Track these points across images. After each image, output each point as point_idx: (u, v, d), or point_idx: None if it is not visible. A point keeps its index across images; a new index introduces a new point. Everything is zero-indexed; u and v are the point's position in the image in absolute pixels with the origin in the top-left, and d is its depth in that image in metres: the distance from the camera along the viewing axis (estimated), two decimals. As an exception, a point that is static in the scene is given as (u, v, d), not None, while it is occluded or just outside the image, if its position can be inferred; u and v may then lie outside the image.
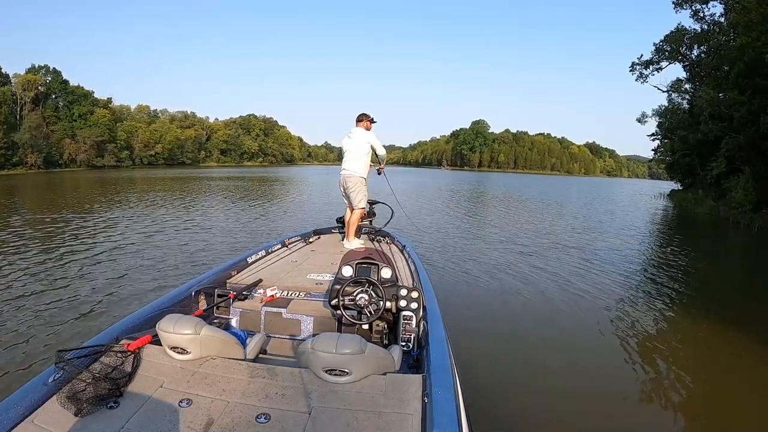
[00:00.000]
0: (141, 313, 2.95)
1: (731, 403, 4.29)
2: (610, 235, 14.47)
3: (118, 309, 5.90)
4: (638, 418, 3.95)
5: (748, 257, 13.33)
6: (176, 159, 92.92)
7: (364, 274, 3.41)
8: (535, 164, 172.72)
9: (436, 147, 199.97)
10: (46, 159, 63.59)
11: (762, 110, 18.35)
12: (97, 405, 1.97)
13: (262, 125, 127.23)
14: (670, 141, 36.18)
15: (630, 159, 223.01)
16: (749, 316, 6.83)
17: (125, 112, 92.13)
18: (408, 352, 3.06)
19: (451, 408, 1.89)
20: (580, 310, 6.70)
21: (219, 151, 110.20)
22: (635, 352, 5.27)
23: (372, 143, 5.92)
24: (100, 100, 79.34)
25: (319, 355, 2.15)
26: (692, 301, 7.48)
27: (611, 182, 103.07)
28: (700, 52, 29.99)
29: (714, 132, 23.24)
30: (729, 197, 21.82)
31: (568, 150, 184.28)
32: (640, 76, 33.18)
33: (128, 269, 8.00)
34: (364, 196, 5.94)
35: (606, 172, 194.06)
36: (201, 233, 12.09)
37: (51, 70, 71.59)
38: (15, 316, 5.58)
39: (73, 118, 71.93)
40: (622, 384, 4.49)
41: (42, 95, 69.38)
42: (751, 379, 4.76)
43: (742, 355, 5.35)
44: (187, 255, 9.24)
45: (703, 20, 28.63)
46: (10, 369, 4.23)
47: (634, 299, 7.34)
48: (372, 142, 5.92)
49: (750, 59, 19.08)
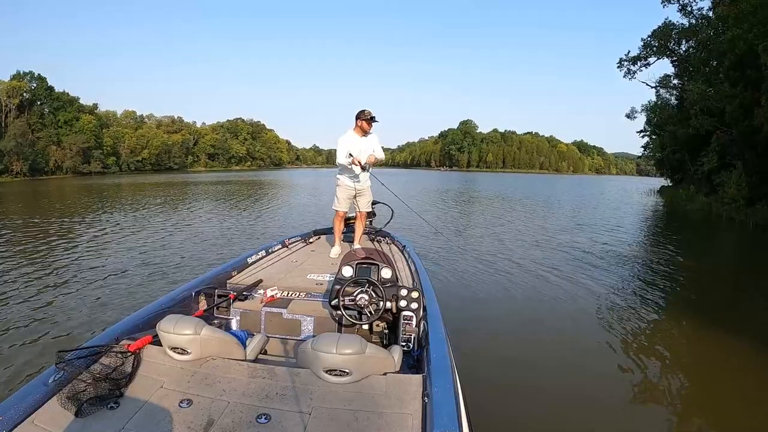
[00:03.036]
0: (141, 313, 2.94)
1: (729, 404, 4.29)
2: (606, 235, 14.25)
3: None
4: (638, 418, 3.98)
5: (747, 257, 13.14)
6: (163, 164, 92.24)
7: (364, 274, 3.42)
8: (524, 163, 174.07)
9: (425, 148, 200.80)
10: (31, 166, 62.44)
11: (755, 103, 18.27)
12: (97, 405, 1.96)
13: (250, 129, 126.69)
14: (659, 137, 36.36)
15: (618, 156, 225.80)
16: (750, 318, 6.71)
17: (111, 118, 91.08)
18: (408, 352, 3.06)
19: (451, 408, 1.88)
20: (581, 311, 6.74)
21: (206, 155, 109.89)
22: (635, 353, 5.29)
23: (377, 148, 5.56)
24: (85, 106, 78.29)
25: (319, 355, 2.15)
26: (698, 304, 7.46)
27: (600, 180, 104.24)
28: (688, 46, 30.03)
29: (705, 126, 23.25)
30: (721, 193, 21.69)
31: (556, 149, 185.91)
32: (628, 72, 33.03)
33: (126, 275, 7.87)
34: (371, 198, 5.86)
35: (594, 170, 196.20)
36: (194, 240, 11.95)
37: (36, 76, 70.39)
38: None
39: (58, 124, 70.75)
40: (621, 384, 4.53)
41: (27, 102, 68.06)
42: (746, 380, 4.75)
43: (741, 359, 5.27)
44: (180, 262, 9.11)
45: (691, 14, 28.59)
46: (10, 369, 4.29)
47: (634, 301, 7.34)
48: (377, 148, 5.58)
49: (742, 51, 19.03)
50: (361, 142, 5.41)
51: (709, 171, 24.17)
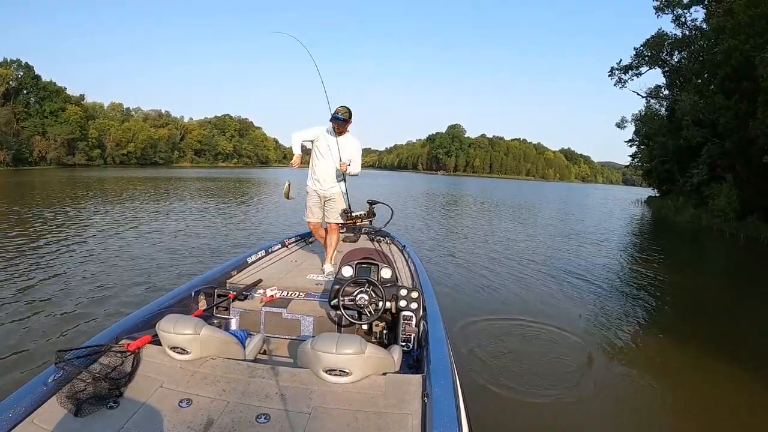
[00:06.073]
0: (141, 313, 2.91)
1: (721, 416, 4.30)
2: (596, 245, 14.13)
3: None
4: (638, 418, 4.06)
5: (741, 270, 13.21)
6: (149, 159, 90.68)
7: (364, 274, 3.44)
8: (511, 169, 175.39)
9: (412, 151, 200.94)
10: (15, 156, 61.43)
11: (750, 115, 18.33)
12: (96, 405, 1.97)
13: (238, 126, 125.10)
14: (648, 147, 36.59)
15: (604, 165, 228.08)
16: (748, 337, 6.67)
17: (98, 110, 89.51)
18: (408, 352, 3.09)
19: (451, 408, 1.89)
20: (581, 311, 6.95)
21: (193, 151, 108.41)
22: (635, 353, 5.52)
23: (354, 158, 4.78)
24: (72, 97, 76.74)
25: (319, 355, 2.16)
26: (697, 319, 7.52)
27: (586, 188, 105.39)
28: (680, 57, 30.25)
29: (697, 138, 23.38)
30: (711, 205, 21.69)
31: (543, 156, 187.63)
32: (619, 81, 33.40)
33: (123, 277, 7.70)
34: (342, 207, 4.95)
35: (581, 178, 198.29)
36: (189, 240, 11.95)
37: (23, 64, 69.09)
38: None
39: (44, 114, 69.33)
40: (620, 384, 4.66)
41: (13, 90, 66.78)
42: (737, 391, 4.77)
43: (738, 382, 5.13)
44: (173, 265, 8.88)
45: (685, 26, 28.91)
46: (9, 370, 4.23)
47: (634, 302, 7.59)
48: (355, 158, 4.78)
49: (737, 63, 19.14)
50: (336, 143, 4.64)
51: (698, 183, 24.20)
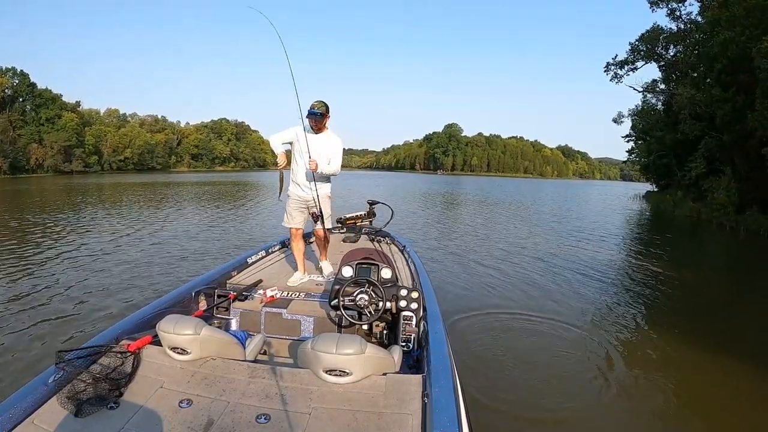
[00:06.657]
0: (141, 313, 2.92)
1: (723, 410, 4.33)
2: (599, 242, 14.10)
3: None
4: (637, 418, 4.05)
5: (743, 262, 13.19)
6: (146, 164, 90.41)
7: (364, 274, 3.45)
8: (508, 167, 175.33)
9: (409, 151, 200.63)
10: (12, 164, 61.36)
11: (747, 107, 18.26)
12: (97, 405, 1.98)
13: (234, 129, 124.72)
14: (646, 142, 36.52)
15: (602, 161, 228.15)
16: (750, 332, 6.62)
17: (94, 116, 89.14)
18: (408, 352, 3.10)
19: (451, 408, 1.89)
20: (581, 311, 6.86)
21: (190, 155, 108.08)
22: (635, 355, 5.47)
23: (334, 157, 4.40)
24: (68, 104, 76.40)
25: (319, 355, 2.16)
26: (700, 313, 7.44)
27: (584, 184, 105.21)
28: (676, 51, 30.20)
29: (694, 131, 23.31)
30: (710, 198, 21.64)
31: (540, 153, 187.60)
32: (615, 76, 33.26)
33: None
34: (328, 212, 4.56)
35: (579, 175, 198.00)
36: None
37: (18, 72, 68.80)
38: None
39: (40, 122, 69.08)
40: (619, 384, 4.58)
41: (9, 98, 66.62)
42: (738, 385, 4.80)
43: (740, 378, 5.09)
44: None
45: (680, 19, 28.81)
46: (9, 370, 4.26)
47: (634, 297, 7.63)
48: (335, 157, 4.41)
49: (734, 55, 19.09)
50: (315, 141, 4.25)
51: (697, 176, 24.13)
